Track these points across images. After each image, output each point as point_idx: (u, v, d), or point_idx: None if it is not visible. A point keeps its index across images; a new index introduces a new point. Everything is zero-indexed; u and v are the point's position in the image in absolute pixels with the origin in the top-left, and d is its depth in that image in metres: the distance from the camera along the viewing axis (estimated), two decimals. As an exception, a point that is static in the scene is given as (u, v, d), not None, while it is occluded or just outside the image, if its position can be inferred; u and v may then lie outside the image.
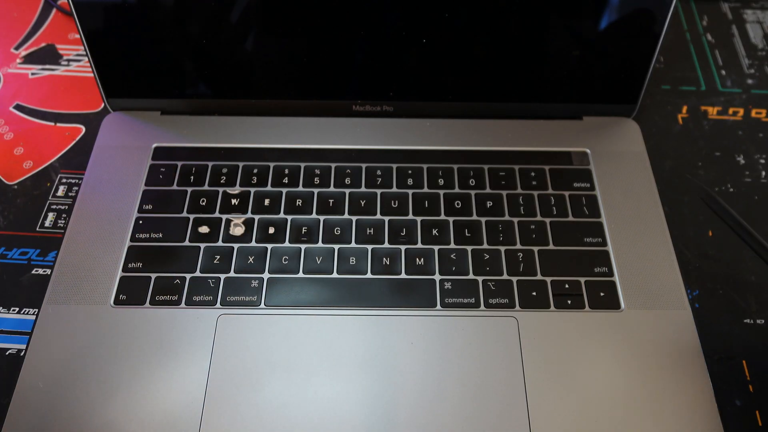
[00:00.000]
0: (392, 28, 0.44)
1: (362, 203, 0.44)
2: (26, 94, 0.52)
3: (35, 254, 0.44)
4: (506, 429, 0.36)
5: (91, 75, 0.51)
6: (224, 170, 0.46)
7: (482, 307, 0.40)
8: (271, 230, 0.43)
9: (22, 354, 0.39)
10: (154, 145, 0.47)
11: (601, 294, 0.41)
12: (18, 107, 0.51)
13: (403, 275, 0.41)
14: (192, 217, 0.43)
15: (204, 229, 0.43)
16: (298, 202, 0.44)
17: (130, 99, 0.48)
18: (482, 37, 0.44)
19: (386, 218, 0.44)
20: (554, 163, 0.46)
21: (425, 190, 0.45)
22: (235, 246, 0.42)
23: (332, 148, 0.47)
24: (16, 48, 0.55)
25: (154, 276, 0.41)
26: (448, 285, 0.41)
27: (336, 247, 0.42)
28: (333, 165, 0.46)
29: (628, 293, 0.41)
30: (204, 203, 0.44)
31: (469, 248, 0.42)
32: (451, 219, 0.44)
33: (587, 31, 0.44)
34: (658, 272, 0.41)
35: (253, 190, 0.45)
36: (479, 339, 0.39)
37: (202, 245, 0.42)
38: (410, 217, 0.44)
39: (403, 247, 0.42)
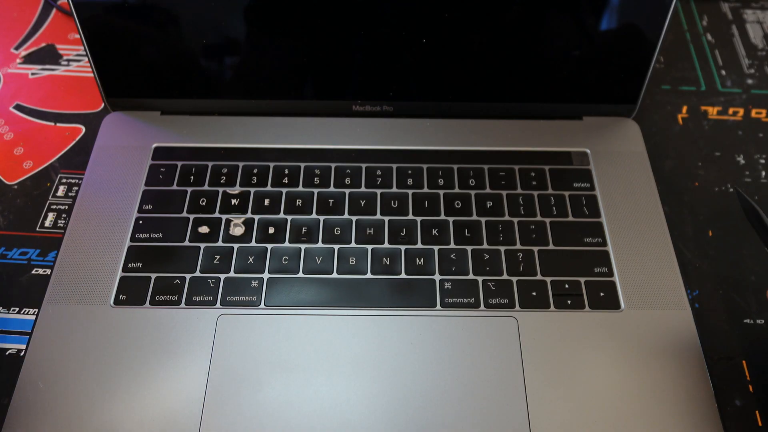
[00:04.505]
0: (392, 28, 0.44)
1: (362, 203, 0.44)
2: (26, 94, 0.52)
3: (35, 254, 0.44)
4: (506, 429, 0.36)
5: (91, 75, 0.51)
6: (224, 170, 0.46)
7: (482, 307, 0.40)
8: (271, 230, 0.43)
9: (22, 354, 0.39)
10: (154, 145, 0.47)
11: (601, 294, 0.41)
12: (18, 107, 0.51)
13: (403, 275, 0.41)
14: (192, 217, 0.43)
15: (204, 229, 0.43)
16: (298, 202, 0.44)
17: (130, 99, 0.48)
18: (482, 37, 0.44)
19: (386, 218, 0.44)
20: (554, 163, 0.46)
21: (425, 190, 0.45)
22: (235, 246, 0.42)
23: (332, 148, 0.47)
24: (16, 48, 0.55)
25: (154, 276, 0.41)
26: (448, 285, 0.41)
27: (336, 247, 0.42)
28: (333, 165, 0.46)
29: (628, 293, 0.41)
30: (204, 203, 0.44)
31: (469, 248, 0.42)
32: (451, 219, 0.44)
33: (587, 31, 0.44)
34: (658, 272, 0.41)
35: (253, 190, 0.45)
36: (479, 339, 0.39)
37: (202, 245, 0.42)
38: (410, 217, 0.44)
39: (403, 247, 0.42)
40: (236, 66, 0.46)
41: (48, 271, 0.43)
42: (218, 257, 0.42)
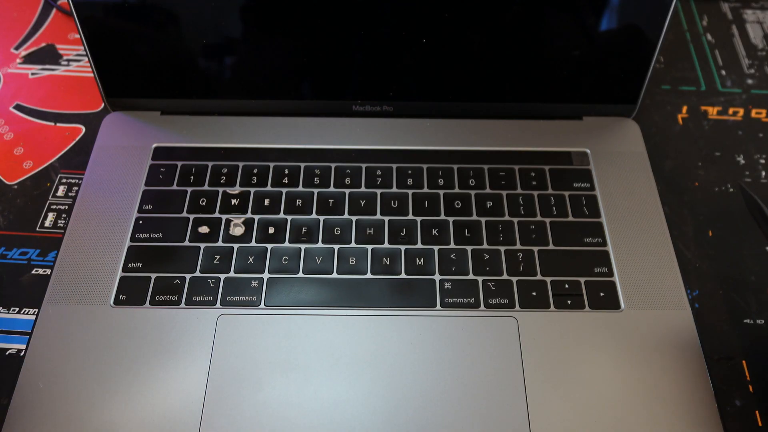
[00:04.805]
0: (392, 28, 0.44)
1: (362, 203, 0.44)
2: (26, 94, 0.52)
3: (35, 254, 0.44)
4: (506, 429, 0.36)
5: (91, 75, 0.51)
6: (224, 170, 0.46)
7: (482, 307, 0.40)
8: (271, 230, 0.43)
9: (22, 354, 0.39)
10: (154, 145, 0.47)
11: (601, 294, 0.41)
12: (18, 107, 0.51)
13: (403, 275, 0.41)
14: (192, 217, 0.43)
15: (204, 229, 0.43)
16: (298, 202, 0.44)
17: (130, 99, 0.48)
18: (482, 37, 0.44)
19: (386, 218, 0.44)
20: (554, 164, 0.46)
21: (425, 190, 0.45)
22: (235, 246, 0.42)
23: (332, 148, 0.47)
24: (16, 48, 0.55)
25: (154, 276, 0.41)
26: (448, 285, 0.41)
27: (336, 247, 0.42)
28: (333, 165, 0.46)
29: (628, 293, 0.41)
30: (204, 203, 0.44)
31: (469, 248, 0.42)
32: (451, 219, 0.44)
33: (587, 31, 0.44)
34: (658, 272, 0.41)
35: (253, 190, 0.45)
36: (479, 339, 0.39)
37: (202, 245, 0.42)
38: (410, 217, 0.44)
39: (403, 247, 0.42)
40: (236, 66, 0.46)
41: (48, 271, 0.43)
42: (218, 257, 0.42)
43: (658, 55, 0.45)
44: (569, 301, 0.40)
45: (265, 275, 0.41)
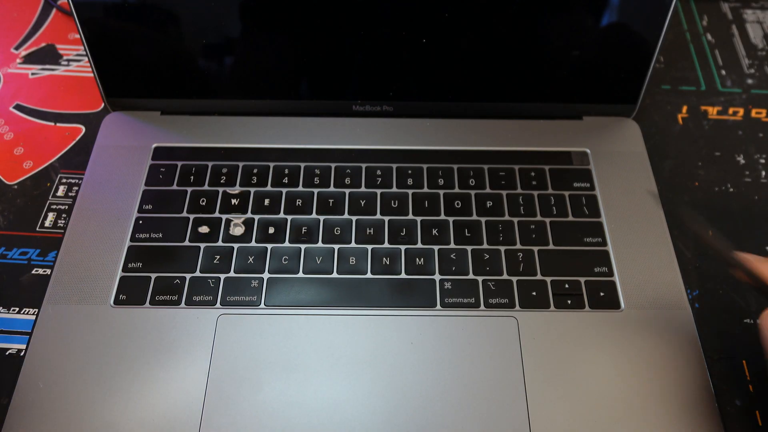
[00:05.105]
0: (392, 28, 0.44)
1: (362, 203, 0.44)
2: (26, 94, 0.52)
3: (35, 254, 0.44)
4: (506, 429, 0.36)
5: (91, 75, 0.51)
6: (224, 170, 0.46)
7: (482, 307, 0.40)
8: (271, 230, 0.43)
9: (22, 354, 0.39)
10: (154, 145, 0.47)
11: (601, 294, 0.41)
12: (18, 107, 0.51)
13: (403, 275, 0.41)
14: (192, 217, 0.43)
15: (204, 229, 0.43)
16: (298, 202, 0.44)
17: (130, 99, 0.48)
18: (482, 37, 0.44)
19: (386, 218, 0.43)
20: (554, 163, 0.46)
21: (425, 190, 0.45)
22: (235, 246, 0.42)
23: (332, 148, 0.47)
24: (16, 48, 0.55)
25: (154, 276, 0.41)
26: (448, 285, 0.41)
27: (336, 247, 0.42)
28: (333, 165, 0.46)
29: (628, 293, 0.41)
30: (204, 203, 0.44)
31: (469, 248, 0.42)
32: (451, 219, 0.44)
33: (587, 31, 0.44)
34: (658, 272, 0.41)
35: (253, 190, 0.45)
36: (479, 339, 0.39)
37: (202, 245, 0.42)
38: (410, 217, 0.44)
39: (403, 247, 0.42)
40: (236, 66, 0.46)
41: (48, 271, 0.43)
42: (218, 257, 0.42)
43: (658, 55, 0.45)
44: (569, 301, 0.40)
45: (265, 275, 0.41)
